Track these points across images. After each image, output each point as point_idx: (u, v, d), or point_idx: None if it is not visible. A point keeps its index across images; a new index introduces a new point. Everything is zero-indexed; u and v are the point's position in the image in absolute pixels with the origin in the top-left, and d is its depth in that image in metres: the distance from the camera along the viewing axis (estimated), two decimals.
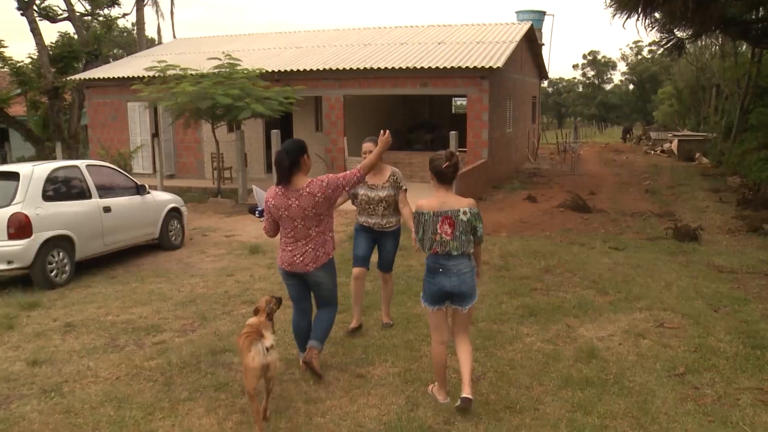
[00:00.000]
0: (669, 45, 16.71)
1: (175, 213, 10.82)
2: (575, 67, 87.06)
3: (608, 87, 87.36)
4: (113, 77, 20.35)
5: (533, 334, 6.05)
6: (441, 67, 16.96)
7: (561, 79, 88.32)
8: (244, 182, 16.07)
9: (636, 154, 29.79)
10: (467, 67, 16.69)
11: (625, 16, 17.88)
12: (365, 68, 17.74)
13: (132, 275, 8.80)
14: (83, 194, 8.88)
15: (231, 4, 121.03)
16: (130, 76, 19.17)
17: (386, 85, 18.20)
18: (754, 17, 17.26)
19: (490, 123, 17.52)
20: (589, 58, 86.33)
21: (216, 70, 15.75)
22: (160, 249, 10.50)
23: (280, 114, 15.88)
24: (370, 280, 7.19)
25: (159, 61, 16.01)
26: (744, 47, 23.82)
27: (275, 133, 15.54)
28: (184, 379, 5.07)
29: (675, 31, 16.80)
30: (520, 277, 8.09)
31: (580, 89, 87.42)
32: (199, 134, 19.97)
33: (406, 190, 5.95)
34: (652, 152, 29.17)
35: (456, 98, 29.93)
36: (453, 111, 30.07)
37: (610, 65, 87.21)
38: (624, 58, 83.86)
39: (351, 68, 17.88)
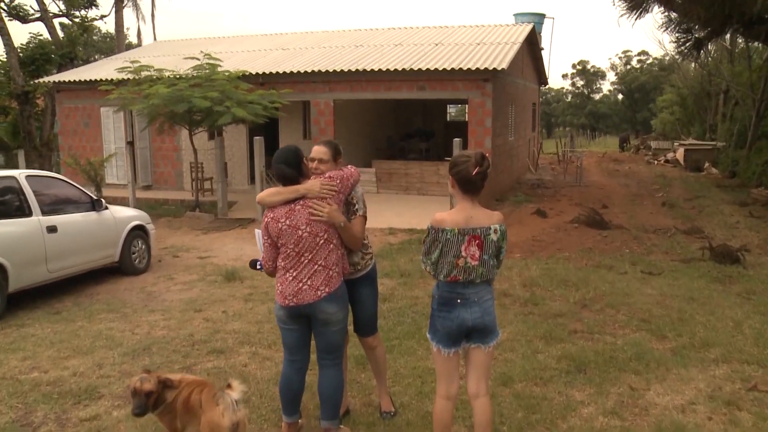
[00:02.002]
0: (688, 45, 15.40)
1: (139, 232, 9.29)
2: (564, 76, 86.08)
3: (597, 97, 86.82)
4: (85, 80, 18.79)
5: (590, 401, 4.59)
6: (440, 68, 15.55)
7: (550, 88, 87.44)
8: (224, 195, 14.56)
9: (638, 164, 28.48)
10: (469, 68, 15.28)
11: (635, 16, 16.68)
12: (357, 70, 16.31)
13: (81, 310, 7.26)
14: (21, 211, 7.32)
15: (215, 10, 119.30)
16: (103, 78, 17.56)
17: (380, 88, 16.77)
18: None
19: (493, 130, 16.14)
20: (578, 67, 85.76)
21: (194, 72, 14.29)
22: (121, 273, 8.99)
23: (265, 120, 14.43)
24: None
25: (132, 62, 14.52)
26: (756, 51, 22.61)
27: (258, 140, 14.11)
28: None
29: (693, 30, 15.52)
30: (553, 315, 6.64)
31: (569, 99, 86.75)
32: (178, 142, 18.48)
33: (364, 215, 4.12)
34: (656, 162, 27.88)
35: (451, 105, 28.62)
36: (448, 119, 28.71)
37: (600, 75, 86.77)
38: (613, 67, 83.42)
39: (342, 70, 16.44)
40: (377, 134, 21.77)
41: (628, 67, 78.65)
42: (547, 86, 27.30)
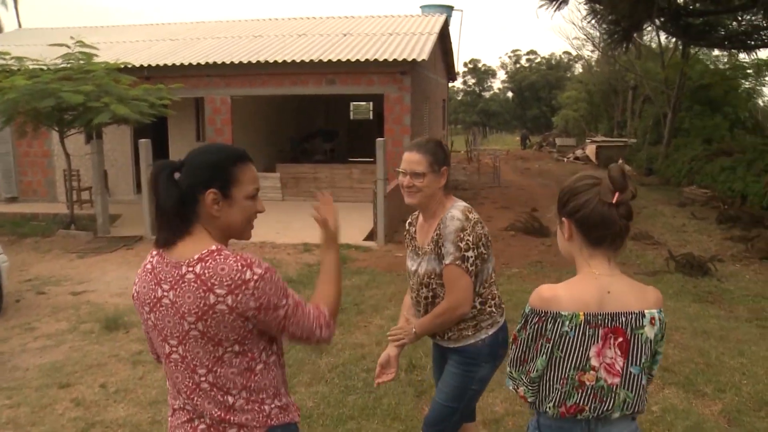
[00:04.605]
0: (617, 37, 14.52)
1: None
2: (456, 74, 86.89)
3: (488, 95, 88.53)
4: None
5: None
6: (353, 60, 13.91)
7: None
8: (104, 208, 12.26)
9: (546, 162, 27.91)
10: (385, 60, 13.74)
11: (555, 7, 15.76)
12: (258, 62, 14.40)
13: None
14: None
15: (98, 4, 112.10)
16: None
17: (284, 83, 14.93)
18: (697, 8, 15.45)
19: (412, 128, 14.66)
20: (470, 66, 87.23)
21: (64, 62, 11.96)
22: None
23: (152, 119, 12.27)
24: None
25: None
26: (666, 48, 22.33)
27: (145, 143, 11.92)
28: None
29: (620, 22, 14.67)
30: None
31: (460, 97, 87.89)
32: (49, 146, 15.88)
33: (456, 263, 2.58)
34: (565, 159, 27.41)
35: (353, 102, 26.99)
36: (351, 117, 27.10)
37: (490, 73, 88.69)
38: (503, 66, 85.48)
39: (240, 62, 14.48)
40: (279, 135, 19.85)
41: (518, 66, 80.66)
42: (456, 82, 26.16)
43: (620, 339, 1.85)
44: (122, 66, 12.77)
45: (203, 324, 1.74)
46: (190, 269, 1.74)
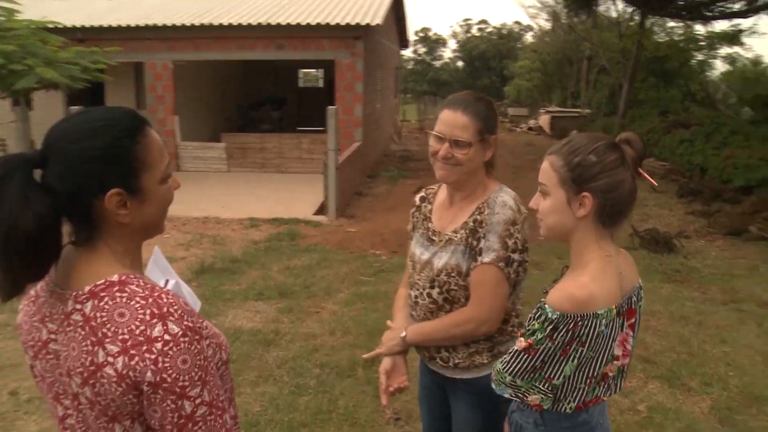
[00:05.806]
0: (575, 4, 14.16)
1: None
2: (408, 43, 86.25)
3: (438, 64, 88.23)
4: None
5: None
6: (303, 23, 13.19)
7: None
8: None
9: (498, 131, 27.62)
10: (338, 24, 13.07)
11: None
12: (202, 25, 13.54)
13: None
14: None
15: None
16: None
17: (230, 47, 14.11)
18: None
19: (364, 96, 14.06)
20: (420, 35, 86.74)
21: None
22: None
23: (85, 84, 11.38)
24: None
25: None
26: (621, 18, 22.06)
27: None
28: None
29: None
30: None
31: (410, 66, 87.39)
32: None
33: (510, 266, 1.95)
34: (518, 129, 27.15)
35: (302, 69, 26.10)
36: (301, 84, 26.21)
37: (441, 42, 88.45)
38: (454, 35, 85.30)
39: (183, 24, 13.59)
40: (225, 103, 18.97)
41: (469, 35, 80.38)
42: (407, 49, 25.55)
43: (632, 319, 1.69)
44: (51, 26, 11.79)
45: (91, 390, 1.14)
46: (78, 307, 1.16)
